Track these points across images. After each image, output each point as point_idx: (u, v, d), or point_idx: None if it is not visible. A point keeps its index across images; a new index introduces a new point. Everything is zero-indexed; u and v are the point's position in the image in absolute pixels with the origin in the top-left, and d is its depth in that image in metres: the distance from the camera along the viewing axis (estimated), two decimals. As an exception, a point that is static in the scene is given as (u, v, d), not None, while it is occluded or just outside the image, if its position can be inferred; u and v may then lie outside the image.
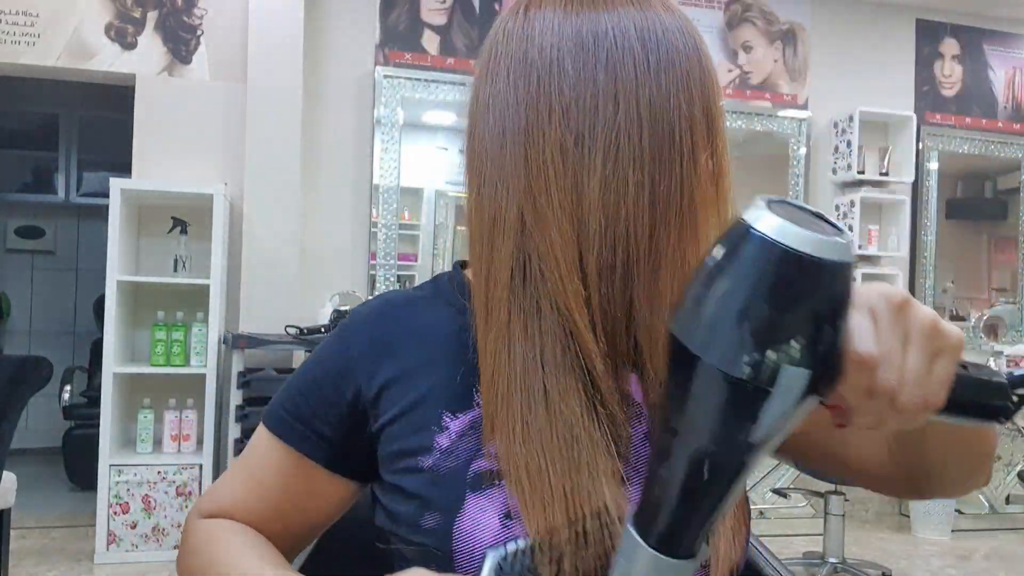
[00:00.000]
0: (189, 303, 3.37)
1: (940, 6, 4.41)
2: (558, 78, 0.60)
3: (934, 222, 4.41)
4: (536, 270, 0.60)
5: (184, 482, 3.19)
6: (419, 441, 0.63)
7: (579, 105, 0.60)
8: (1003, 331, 4.35)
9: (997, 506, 4.11)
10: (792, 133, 4.25)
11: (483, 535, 0.59)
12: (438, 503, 0.61)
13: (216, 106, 3.54)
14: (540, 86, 0.61)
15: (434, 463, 0.62)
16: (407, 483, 0.63)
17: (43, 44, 3.40)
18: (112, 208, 3.18)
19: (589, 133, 0.59)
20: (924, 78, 4.46)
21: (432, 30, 3.85)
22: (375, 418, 0.66)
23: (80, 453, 4.11)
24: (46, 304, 5.52)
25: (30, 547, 3.32)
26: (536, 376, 0.59)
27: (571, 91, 0.60)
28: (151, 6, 3.52)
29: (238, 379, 3.10)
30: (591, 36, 0.61)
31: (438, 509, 0.61)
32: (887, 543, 3.77)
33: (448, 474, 0.61)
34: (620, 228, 0.59)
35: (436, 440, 0.62)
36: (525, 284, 0.61)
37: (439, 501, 0.61)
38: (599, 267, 0.59)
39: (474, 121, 0.65)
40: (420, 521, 0.61)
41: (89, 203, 5.12)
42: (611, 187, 0.59)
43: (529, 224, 0.60)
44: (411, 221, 3.85)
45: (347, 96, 3.75)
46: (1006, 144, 4.54)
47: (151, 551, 3.16)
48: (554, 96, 0.60)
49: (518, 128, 0.61)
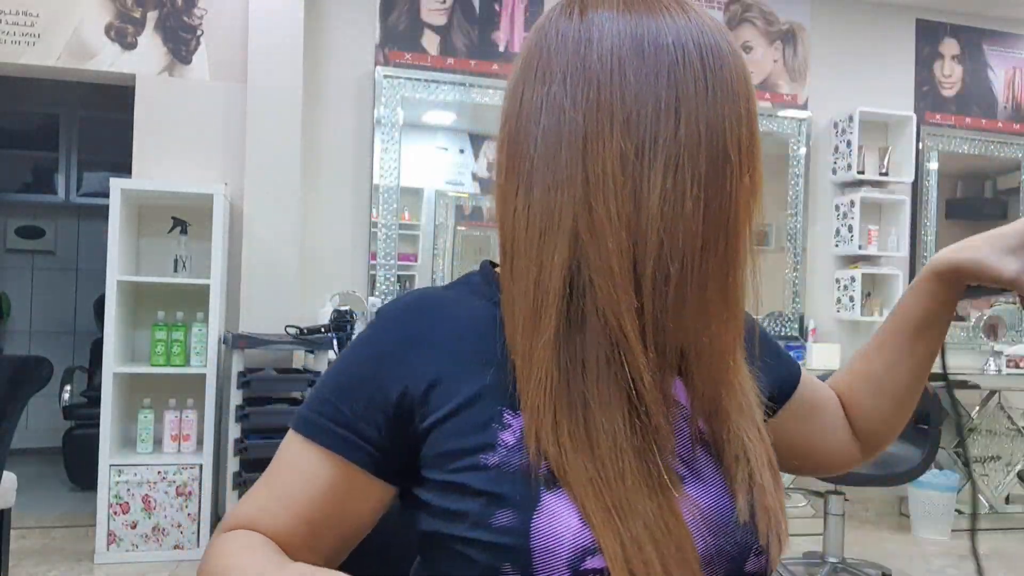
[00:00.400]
0: (189, 303, 3.38)
1: (940, 6, 4.41)
2: (620, 87, 0.60)
3: (934, 222, 4.41)
4: (586, 279, 0.61)
5: (184, 482, 3.19)
6: (481, 439, 0.62)
7: (641, 116, 0.60)
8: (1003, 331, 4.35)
9: (997, 506, 4.11)
10: (792, 133, 4.25)
11: (564, 533, 0.58)
12: (512, 500, 0.59)
13: (216, 106, 3.54)
14: (600, 93, 0.60)
15: (501, 460, 0.61)
16: (471, 480, 0.61)
17: (43, 44, 3.40)
18: (112, 208, 3.18)
19: (651, 145, 0.60)
20: (924, 78, 4.46)
21: (432, 30, 3.86)
22: (423, 417, 0.64)
23: (80, 453, 4.11)
24: (46, 304, 5.52)
25: (30, 547, 3.32)
26: (577, 386, 0.60)
27: (633, 101, 0.60)
28: (151, 6, 3.52)
29: (238, 379, 3.10)
30: (652, 47, 0.61)
31: (512, 506, 0.59)
32: (887, 543, 3.78)
33: (519, 471, 0.60)
34: (677, 241, 0.59)
35: (501, 437, 0.61)
36: (574, 293, 0.61)
37: (513, 498, 0.59)
38: (654, 279, 0.60)
39: (518, 122, 0.64)
40: (491, 519, 0.60)
41: (89, 203, 5.12)
42: (670, 200, 0.59)
43: (583, 233, 0.61)
44: (411, 221, 3.85)
45: (347, 96, 3.75)
46: (1006, 144, 4.54)
47: (151, 551, 3.17)
48: (616, 104, 0.60)
49: (576, 135, 0.61)
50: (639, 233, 0.60)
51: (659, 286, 0.60)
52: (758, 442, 0.67)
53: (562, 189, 0.61)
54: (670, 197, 0.59)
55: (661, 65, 0.60)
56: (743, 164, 0.62)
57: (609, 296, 0.60)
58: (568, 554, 0.58)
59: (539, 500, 0.59)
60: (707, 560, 0.61)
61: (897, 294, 4.17)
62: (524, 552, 0.58)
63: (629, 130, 0.60)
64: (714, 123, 0.60)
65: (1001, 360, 4.19)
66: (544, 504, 0.59)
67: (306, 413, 0.66)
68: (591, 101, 0.61)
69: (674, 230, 0.59)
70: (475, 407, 0.63)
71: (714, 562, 0.62)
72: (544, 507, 0.59)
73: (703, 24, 0.63)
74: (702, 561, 0.60)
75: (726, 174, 0.61)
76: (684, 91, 0.60)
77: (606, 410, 0.60)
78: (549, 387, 0.60)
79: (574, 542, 0.58)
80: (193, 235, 3.44)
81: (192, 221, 3.45)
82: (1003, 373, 4.14)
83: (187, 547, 3.20)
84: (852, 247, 4.14)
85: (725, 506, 0.64)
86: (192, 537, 3.20)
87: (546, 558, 0.58)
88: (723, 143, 0.61)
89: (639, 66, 0.60)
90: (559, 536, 0.58)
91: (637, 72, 0.60)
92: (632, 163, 0.60)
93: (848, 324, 4.27)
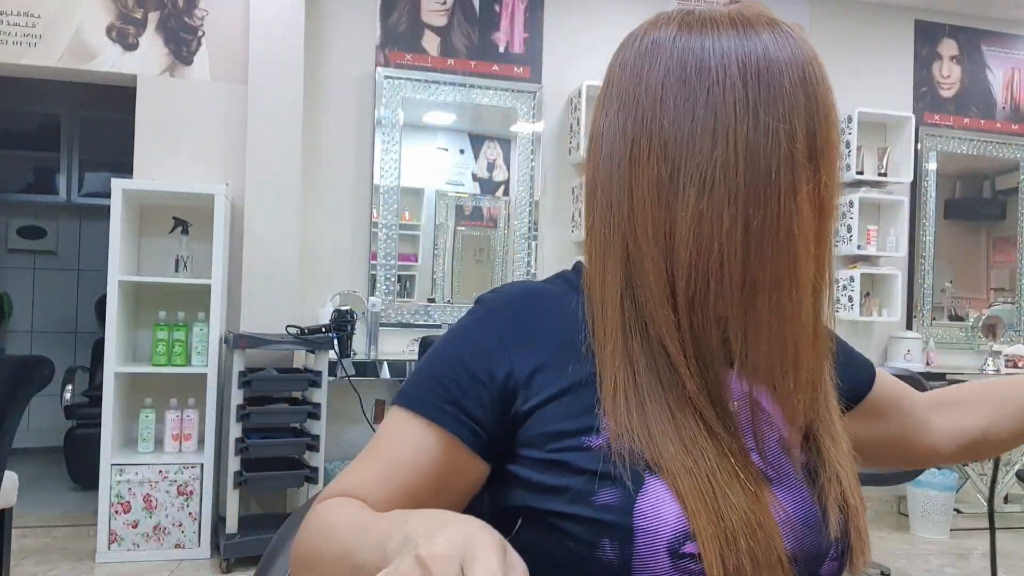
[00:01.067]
0: (190, 303, 3.39)
1: (939, 7, 4.42)
2: (659, 113, 0.64)
3: (933, 222, 4.42)
4: (639, 297, 0.66)
5: (185, 481, 3.21)
6: (584, 422, 0.64)
7: (677, 140, 0.63)
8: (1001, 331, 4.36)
9: (996, 506, 4.11)
10: (791, 133, 4.25)
11: (667, 516, 0.60)
12: (618, 479, 0.62)
13: (217, 107, 3.55)
14: (643, 122, 0.65)
15: (604, 442, 0.63)
16: (574, 459, 0.63)
17: (45, 45, 3.42)
18: (113, 208, 3.19)
19: (684, 167, 0.63)
20: (923, 79, 4.47)
21: (432, 31, 3.87)
22: (525, 399, 0.66)
23: (82, 452, 4.12)
24: (48, 304, 5.53)
25: (32, 546, 3.33)
26: (637, 389, 0.64)
27: (671, 126, 0.63)
28: (152, 7, 3.53)
29: (239, 379, 3.11)
30: (695, 71, 0.64)
31: (618, 485, 0.61)
32: (886, 542, 3.78)
33: (622, 453, 0.62)
34: (713, 260, 0.62)
35: (604, 422, 0.64)
36: (632, 309, 0.66)
37: (619, 477, 0.62)
38: (688, 296, 0.63)
39: (591, 149, 0.70)
40: (594, 497, 0.62)
41: (91, 203, 5.13)
42: (705, 220, 0.62)
43: (632, 254, 0.66)
44: (411, 221, 3.86)
45: (348, 97, 3.76)
46: (1004, 144, 4.55)
47: (152, 550, 3.18)
48: (655, 131, 0.64)
49: (624, 160, 0.66)
50: (673, 253, 0.64)
51: (697, 303, 0.64)
52: (848, 468, 0.70)
53: (615, 212, 0.67)
54: (705, 217, 0.62)
55: (701, 88, 0.63)
56: (798, 179, 0.62)
57: (652, 312, 0.65)
58: (670, 535, 0.60)
59: (644, 482, 0.61)
60: (792, 558, 0.63)
61: (896, 294, 4.18)
62: (626, 530, 0.60)
63: (666, 154, 0.63)
64: (755, 141, 0.61)
65: (1000, 360, 4.20)
66: (648, 486, 0.61)
67: (411, 390, 0.68)
68: (636, 128, 0.65)
69: (708, 249, 0.62)
70: (577, 393, 0.65)
71: (798, 562, 0.64)
72: (648, 488, 0.61)
73: (755, 35, 0.64)
74: (789, 559, 0.62)
75: (770, 192, 0.61)
76: (722, 112, 0.62)
77: (661, 412, 0.63)
78: (620, 389, 0.64)
79: (676, 525, 0.60)
80: (194, 235, 3.45)
81: (193, 221, 3.46)
82: (1002, 373, 4.15)
83: (188, 546, 3.21)
84: (851, 247, 4.15)
85: (811, 513, 0.66)
86: (193, 536, 3.21)
87: (647, 538, 0.60)
88: (765, 161, 0.61)
89: (679, 91, 0.64)
90: (663, 518, 0.60)
91: (676, 98, 0.64)
92: (666, 186, 0.64)
93: (847, 324, 4.28)
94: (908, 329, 4.36)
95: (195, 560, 3.18)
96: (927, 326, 4.40)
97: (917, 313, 4.39)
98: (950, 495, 3.88)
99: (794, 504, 0.66)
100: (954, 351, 4.43)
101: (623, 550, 0.60)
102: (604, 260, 0.68)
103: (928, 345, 4.30)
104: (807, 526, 0.65)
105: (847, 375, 0.79)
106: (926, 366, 4.19)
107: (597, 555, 0.61)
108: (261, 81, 3.49)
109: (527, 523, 0.66)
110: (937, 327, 4.42)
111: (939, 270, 4.43)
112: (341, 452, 3.61)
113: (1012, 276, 4.58)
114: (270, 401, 3.21)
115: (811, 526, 0.66)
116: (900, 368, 3.49)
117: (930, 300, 4.40)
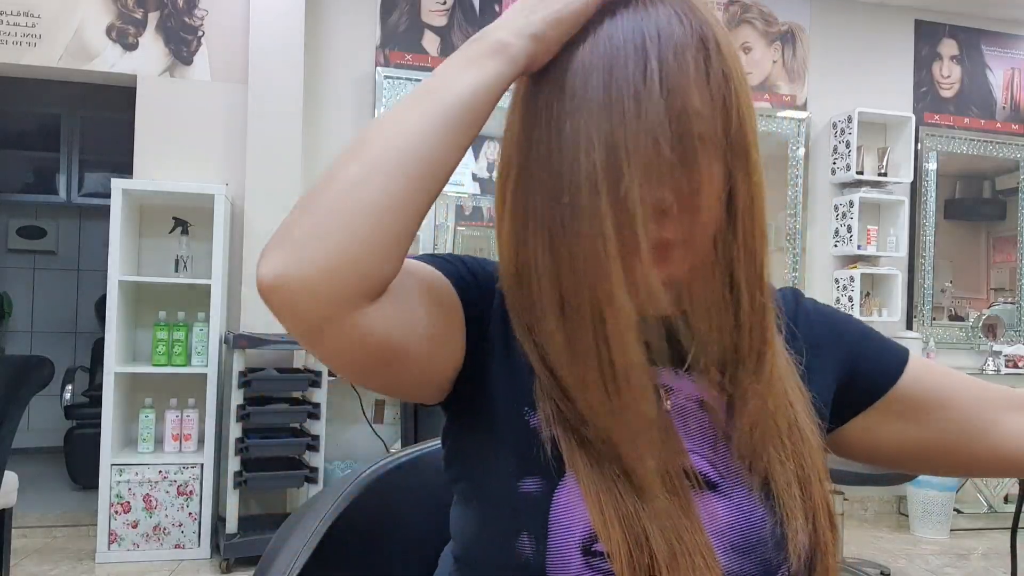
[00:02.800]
0: (190, 303, 3.39)
1: (939, 7, 4.42)
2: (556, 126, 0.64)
3: (932, 222, 4.42)
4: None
5: (185, 481, 3.21)
6: (526, 395, 0.63)
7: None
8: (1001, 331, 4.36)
9: (995, 505, 4.12)
10: (791, 134, 4.26)
11: (583, 512, 0.59)
12: (543, 468, 0.61)
13: (217, 107, 3.55)
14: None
15: (536, 424, 0.62)
16: (510, 433, 0.63)
17: (45, 45, 3.42)
18: (113, 208, 3.20)
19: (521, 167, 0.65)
20: (922, 79, 4.47)
21: (432, 31, 3.87)
22: (484, 330, 0.65)
23: (82, 452, 4.12)
24: (48, 304, 5.53)
25: (32, 546, 3.33)
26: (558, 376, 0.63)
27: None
28: (152, 7, 3.53)
29: (239, 379, 3.11)
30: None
31: (540, 474, 0.61)
32: (886, 542, 3.78)
33: (546, 440, 0.61)
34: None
35: (538, 402, 0.63)
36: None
37: (544, 466, 0.61)
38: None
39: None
40: (520, 482, 0.61)
41: (91, 203, 5.13)
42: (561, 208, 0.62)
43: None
44: (411, 221, 3.86)
45: (348, 97, 3.76)
46: (1004, 144, 4.55)
47: (152, 550, 3.18)
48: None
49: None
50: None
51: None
52: (816, 475, 0.65)
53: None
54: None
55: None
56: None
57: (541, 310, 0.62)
58: (582, 533, 0.59)
59: (564, 475, 0.60)
60: (729, 571, 0.60)
61: (896, 294, 4.18)
62: (543, 524, 0.59)
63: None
64: (609, 134, 0.57)
65: (1000, 360, 4.20)
66: (568, 479, 0.60)
67: (430, 256, 0.68)
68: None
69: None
70: (525, 363, 0.64)
71: (737, 574, 0.61)
72: (567, 482, 0.60)
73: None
74: (723, 570, 0.59)
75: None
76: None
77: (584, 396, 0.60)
78: (544, 376, 0.62)
79: (589, 522, 0.59)
80: (194, 235, 3.45)
81: (193, 221, 3.46)
82: (1002, 373, 4.15)
83: (188, 546, 3.21)
84: (851, 247, 4.15)
85: (756, 523, 0.62)
86: (193, 536, 3.21)
87: (561, 534, 0.59)
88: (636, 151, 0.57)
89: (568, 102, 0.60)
90: (579, 514, 0.59)
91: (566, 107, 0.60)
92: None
93: (847, 324, 4.27)
94: (908, 329, 4.36)
95: (195, 560, 3.18)
96: (927, 326, 4.40)
97: (917, 313, 4.39)
98: (950, 495, 3.88)
99: (736, 513, 0.62)
100: (954, 351, 4.43)
101: (540, 545, 0.59)
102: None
103: (928, 345, 4.30)
104: (748, 537, 0.61)
105: (864, 368, 0.73)
106: (926, 366, 4.19)
107: (517, 547, 0.60)
108: (261, 81, 3.48)
109: (461, 500, 0.66)
110: (937, 327, 4.42)
111: (939, 270, 4.43)
112: (341, 452, 3.61)
113: (1012, 276, 4.57)
114: (270, 401, 3.21)
115: (754, 537, 0.61)
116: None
117: (930, 300, 4.40)
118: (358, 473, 0.89)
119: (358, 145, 0.56)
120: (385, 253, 0.54)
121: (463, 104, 0.57)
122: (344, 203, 0.53)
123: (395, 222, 0.54)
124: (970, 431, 0.73)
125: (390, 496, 0.88)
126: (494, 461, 0.63)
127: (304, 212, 0.54)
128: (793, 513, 0.62)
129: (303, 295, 0.52)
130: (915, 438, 0.74)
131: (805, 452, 0.65)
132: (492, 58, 0.59)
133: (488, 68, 0.59)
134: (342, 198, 0.53)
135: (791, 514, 0.62)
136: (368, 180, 0.54)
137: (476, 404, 0.65)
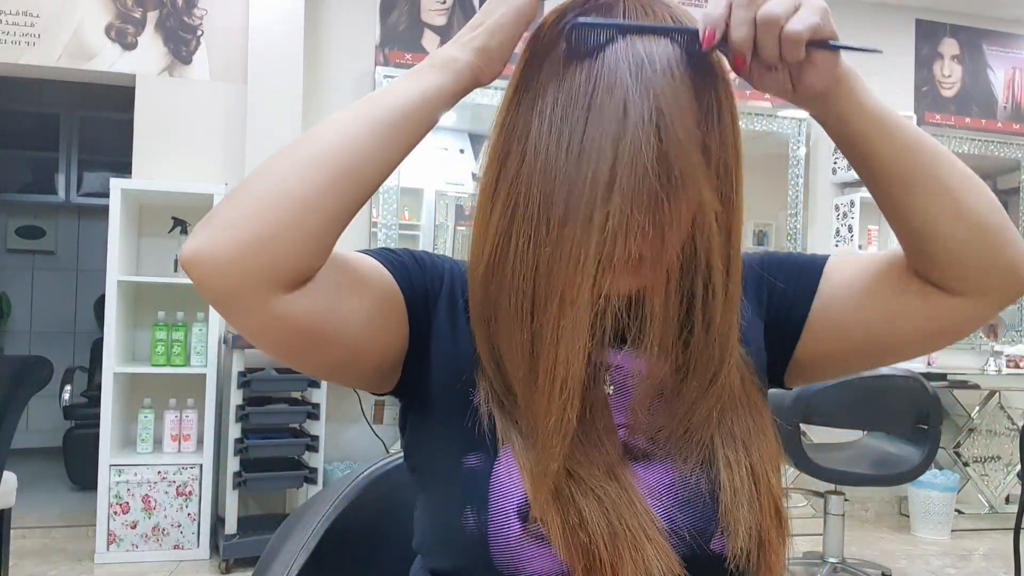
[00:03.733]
0: (189, 303, 3.38)
1: (940, 6, 4.42)
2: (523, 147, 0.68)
3: (934, 222, 4.41)
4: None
5: (184, 482, 3.20)
6: (468, 373, 0.68)
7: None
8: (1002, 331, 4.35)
9: (997, 506, 4.11)
10: (792, 133, 4.26)
11: (519, 482, 0.63)
12: (482, 443, 0.65)
13: (216, 106, 3.54)
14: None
15: (478, 403, 0.66)
16: (456, 412, 0.66)
17: (44, 44, 3.41)
18: (112, 208, 3.19)
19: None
20: (923, 78, 4.46)
21: (432, 30, 3.86)
22: (425, 326, 0.69)
23: (80, 453, 4.11)
24: (47, 304, 5.53)
25: (31, 547, 3.32)
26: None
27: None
28: (151, 6, 3.52)
29: (238, 379, 3.10)
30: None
31: (482, 450, 0.65)
32: (886, 543, 3.78)
33: (486, 417, 0.65)
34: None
35: (481, 383, 0.67)
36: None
37: (483, 443, 0.65)
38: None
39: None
40: (464, 458, 0.65)
41: (89, 203, 5.13)
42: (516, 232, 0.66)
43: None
44: (411, 221, 3.86)
45: (347, 96, 3.75)
46: (1005, 144, 4.54)
47: (151, 551, 3.17)
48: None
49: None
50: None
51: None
52: (760, 443, 0.67)
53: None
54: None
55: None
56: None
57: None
58: (519, 500, 0.62)
59: (499, 451, 0.64)
60: (671, 532, 0.63)
61: (897, 294, 4.17)
62: (484, 496, 0.63)
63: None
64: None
65: (1001, 360, 4.19)
66: (502, 456, 0.64)
67: (376, 250, 0.72)
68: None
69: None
70: (470, 345, 0.68)
71: (676, 535, 0.63)
72: (502, 458, 0.64)
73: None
74: (660, 531, 0.62)
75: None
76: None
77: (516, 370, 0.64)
78: (486, 356, 0.66)
79: (523, 491, 0.62)
80: (193, 235, 3.44)
81: (192, 221, 3.45)
82: (1003, 373, 4.14)
83: (187, 547, 3.20)
84: (852, 247, 4.14)
85: (687, 487, 0.65)
86: (192, 537, 3.20)
87: (500, 503, 0.62)
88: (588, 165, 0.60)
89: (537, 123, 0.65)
90: (515, 483, 0.63)
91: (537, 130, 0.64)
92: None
93: (848, 324, 4.26)
94: (909, 329, 4.34)
95: (194, 561, 3.18)
96: (928, 326, 4.39)
97: (918, 313, 4.38)
98: (951, 496, 3.87)
99: (671, 474, 0.65)
100: (955, 351, 4.42)
101: (481, 517, 0.62)
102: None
103: (929, 345, 4.29)
104: (680, 496, 0.64)
105: (782, 303, 0.74)
106: (927, 366, 4.18)
107: (462, 522, 0.63)
108: (261, 81, 3.48)
109: (418, 489, 0.71)
110: (938, 327, 4.41)
111: (940, 270, 4.42)
112: (341, 452, 3.61)
113: (1013, 276, 4.56)
114: (269, 401, 3.20)
115: (686, 494, 0.64)
116: (901, 368, 3.48)
117: (931, 300, 4.39)
118: (357, 473, 0.89)
119: (292, 144, 0.60)
120: (299, 246, 0.57)
121: (396, 109, 0.62)
122: (263, 195, 0.57)
123: (311, 217, 0.57)
124: (885, 289, 0.71)
125: (389, 496, 0.88)
126: (441, 441, 0.67)
127: (230, 200, 0.58)
128: (734, 488, 0.64)
129: (214, 272, 0.56)
130: (848, 348, 0.74)
131: (758, 445, 0.67)
132: (435, 71, 0.65)
133: (428, 79, 0.64)
134: (264, 190, 0.57)
135: (730, 487, 0.63)
136: (289, 175, 0.58)
137: (423, 388, 0.69)
